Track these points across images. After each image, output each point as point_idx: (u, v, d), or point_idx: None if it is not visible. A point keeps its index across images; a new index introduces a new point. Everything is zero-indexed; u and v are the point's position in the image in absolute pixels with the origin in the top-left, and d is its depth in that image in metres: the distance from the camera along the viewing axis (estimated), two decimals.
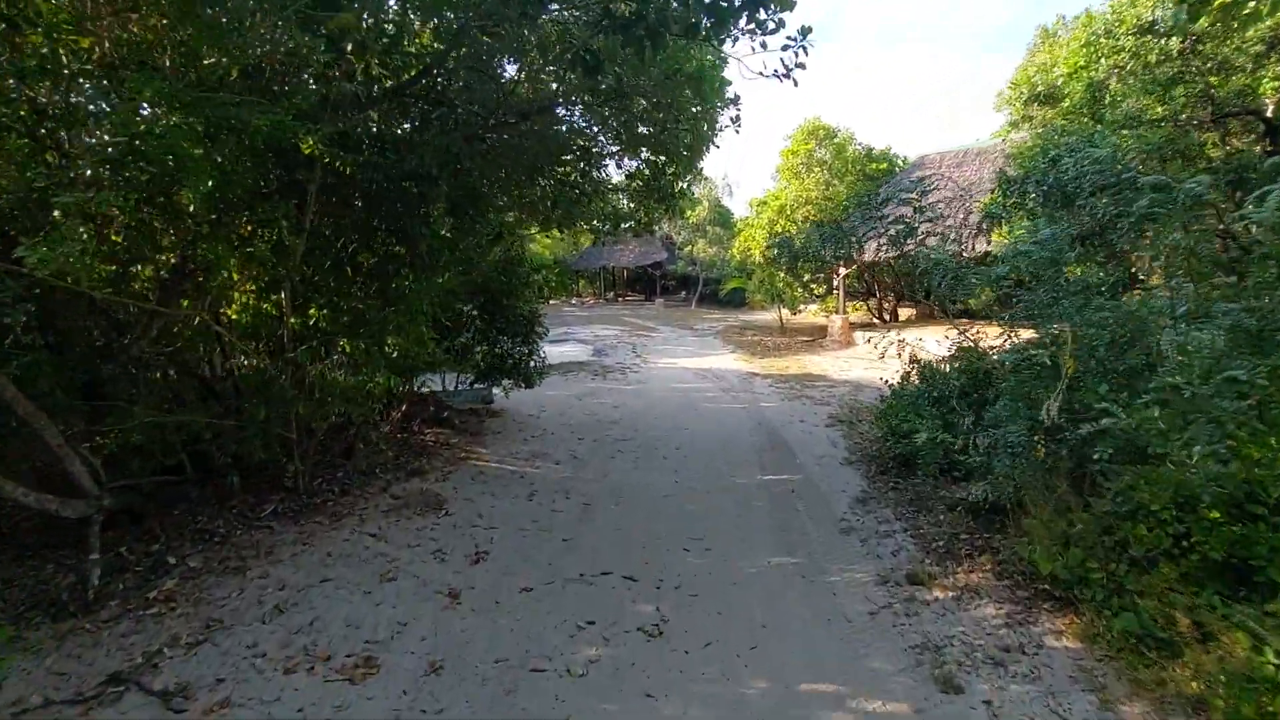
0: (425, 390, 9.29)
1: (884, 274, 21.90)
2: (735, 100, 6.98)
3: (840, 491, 6.56)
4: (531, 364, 9.46)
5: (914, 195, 6.68)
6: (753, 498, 6.48)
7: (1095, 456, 3.98)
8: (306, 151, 3.79)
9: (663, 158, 8.19)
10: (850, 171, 18.62)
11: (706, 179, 39.72)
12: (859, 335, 18.43)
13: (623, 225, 10.63)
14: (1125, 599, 3.65)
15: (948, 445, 6.04)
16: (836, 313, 19.20)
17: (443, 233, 5.56)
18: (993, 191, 8.54)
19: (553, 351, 17.60)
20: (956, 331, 7.47)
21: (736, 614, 4.26)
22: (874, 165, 19.75)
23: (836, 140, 19.20)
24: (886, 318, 21.38)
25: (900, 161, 20.09)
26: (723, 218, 38.74)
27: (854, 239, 6.13)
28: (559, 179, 6.65)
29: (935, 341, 14.39)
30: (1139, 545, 3.65)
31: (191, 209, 3.78)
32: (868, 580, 4.67)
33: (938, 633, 3.94)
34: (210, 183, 3.70)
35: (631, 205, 10.25)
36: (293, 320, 4.67)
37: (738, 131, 7.41)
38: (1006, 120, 22.98)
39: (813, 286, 19.84)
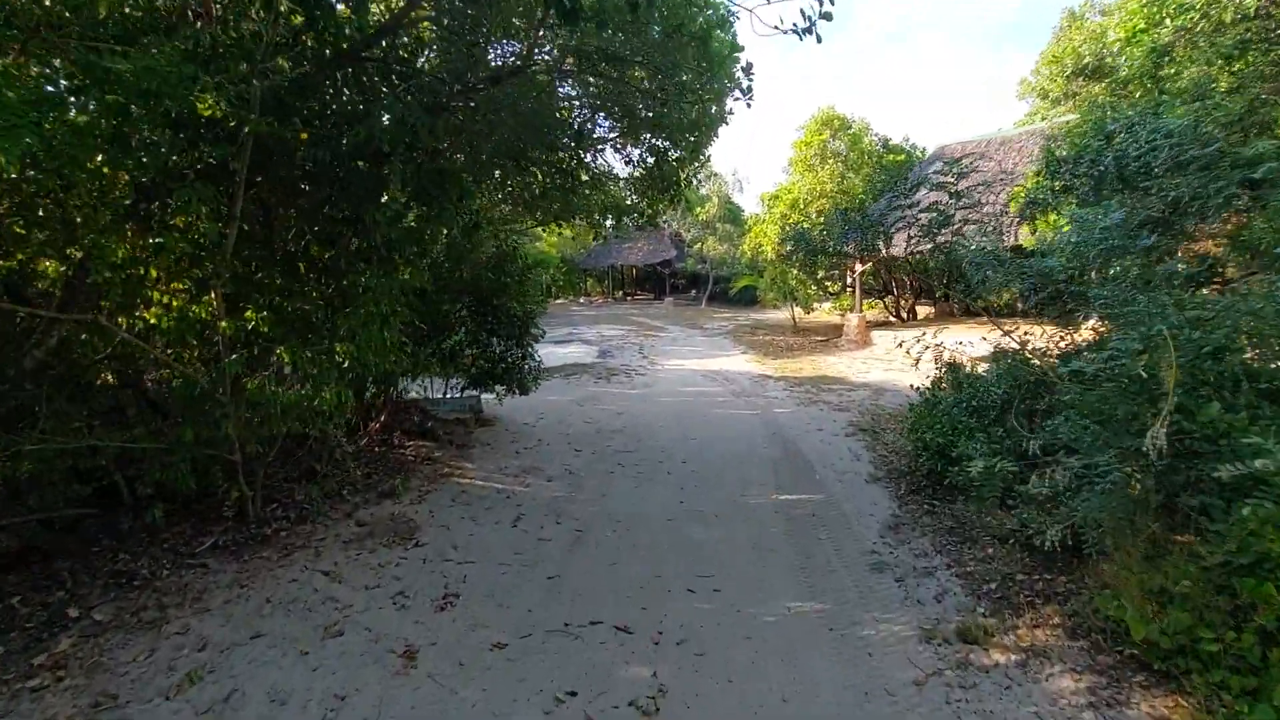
0: (412, 397, 8.60)
1: (901, 270, 21.00)
2: (748, 69, 6.16)
3: (868, 515, 5.76)
4: (526, 369, 8.72)
5: (950, 178, 5.85)
6: (768, 523, 5.70)
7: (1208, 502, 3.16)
8: (207, 113, 3.07)
9: (665, 142, 7.42)
10: (866, 163, 17.73)
11: (716, 175, 38.84)
12: (876, 334, 17.56)
13: (625, 219, 9.88)
14: (1253, 680, 2.83)
15: (1006, 474, 5.22)
16: (852, 311, 18.33)
17: (406, 222, 4.82)
18: (1036, 174, 7.68)
19: (556, 353, 16.91)
20: (999, 332, 6.61)
21: (751, 682, 3.49)
22: (890, 157, 18.83)
23: (852, 130, 18.30)
24: (905, 316, 20.47)
25: (919, 152, 19.16)
26: (733, 214, 37.84)
27: (881, 229, 5.35)
28: (549, 164, 5.90)
29: (958, 342, 13.54)
30: (1270, 612, 2.83)
31: (80, 196, 3.07)
32: (909, 635, 3.88)
33: (1004, 714, 3.15)
34: (100, 158, 2.96)
35: (635, 197, 9.49)
36: (224, 325, 3.95)
37: (749, 105, 6.62)
38: (1029, 109, 22.01)
39: (827, 284, 18.96)
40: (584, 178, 7.09)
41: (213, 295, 3.99)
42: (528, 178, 6.22)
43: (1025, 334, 6.48)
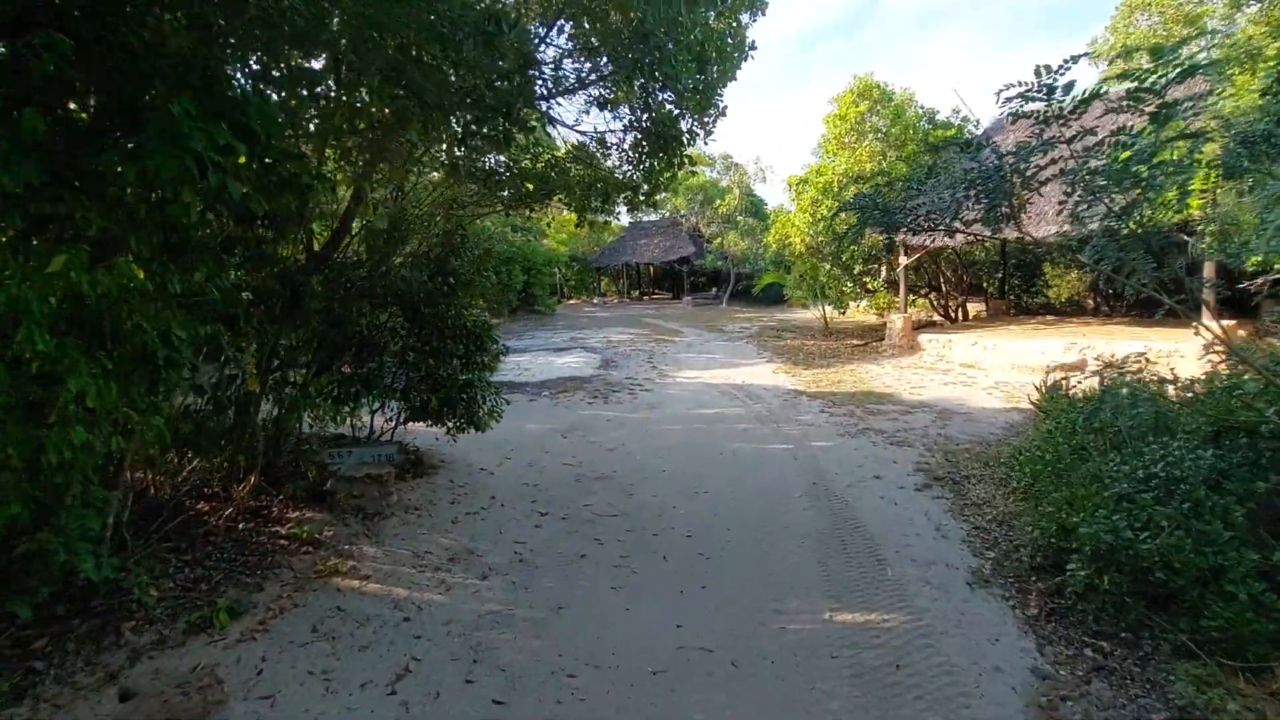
0: (337, 432, 6.45)
1: (946, 264, 18.37)
2: None
3: (991, 670, 3.41)
4: (480, 398, 6.50)
5: (1150, 98, 3.42)
6: (821, 681, 3.38)
7: None
8: None
9: (656, 81, 5.14)
10: (910, 140, 15.25)
11: (737, 165, 36.39)
12: (924, 338, 15.05)
13: (616, 199, 7.61)
14: None
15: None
16: (896, 310, 15.83)
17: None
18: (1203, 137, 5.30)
19: (553, 364, 14.70)
20: (1079, 335, 4.22)
21: None
22: (938, 133, 16.29)
23: (894, 102, 15.78)
24: (954, 315, 17.88)
25: (972, 126, 16.59)
26: (755, 207, 35.31)
27: (1013, 189, 3.30)
28: (465, 97, 3.69)
29: (1013, 342, 11.14)
30: None
31: None
32: None
33: None
34: None
35: (627, 168, 7.22)
36: None
37: (763, 12, 4.37)
38: (1100, 75, 19.22)
39: (866, 279, 16.46)
40: (534, 122, 4.87)
41: None
42: (427, 123, 3.98)
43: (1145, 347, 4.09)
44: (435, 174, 7.92)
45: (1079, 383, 8.54)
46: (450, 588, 4.39)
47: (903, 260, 15.09)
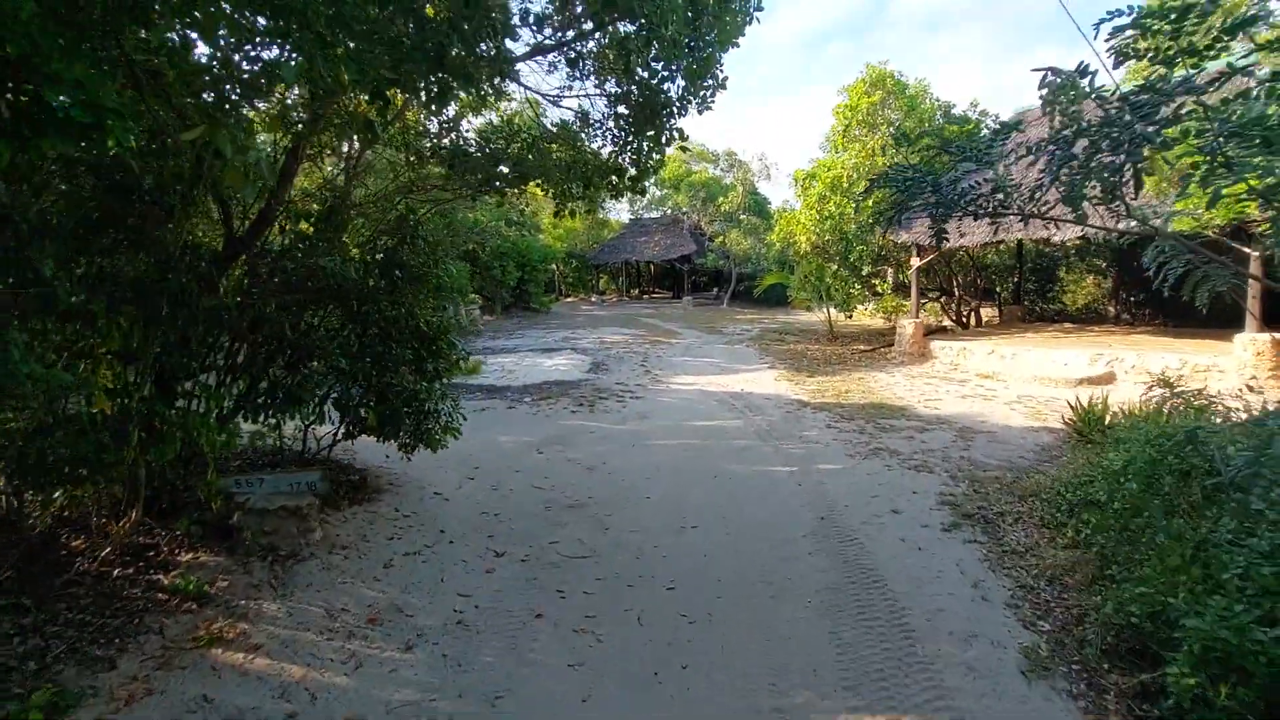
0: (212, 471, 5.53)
1: (959, 266, 17.39)
2: None
3: None
4: (437, 411, 5.55)
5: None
6: None
7: None
8: None
9: (637, 26, 4.20)
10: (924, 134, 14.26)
11: (741, 163, 35.42)
12: (936, 345, 14.09)
13: (599, 184, 6.66)
14: None
15: None
16: (906, 315, 14.88)
17: None
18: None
19: (540, 366, 13.75)
20: (1116, 345, 3.21)
21: None
22: (953, 128, 15.31)
23: (909, 92, 14.79)
24: (966, 321, 16.91)
25: (990, 121, 15.58)
26: (758, 205, 34.31)
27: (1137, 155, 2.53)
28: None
29: (1033, 351, 10.30)
30: None
31: None
32: None
33: None
34: None
35: (612, 148, 6.28)
36: None
37: None
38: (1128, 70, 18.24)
39: (874, 282, 15.48)
40: (486, 83, 3.92)
41: None
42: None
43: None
44: (397, 154, 6.99)
45: (1106, 398, 7.61)
46: (361, 664, 3.45)
47: (915, 261, 14.14)
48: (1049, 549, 4.65)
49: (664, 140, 5.52)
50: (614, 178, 6.39)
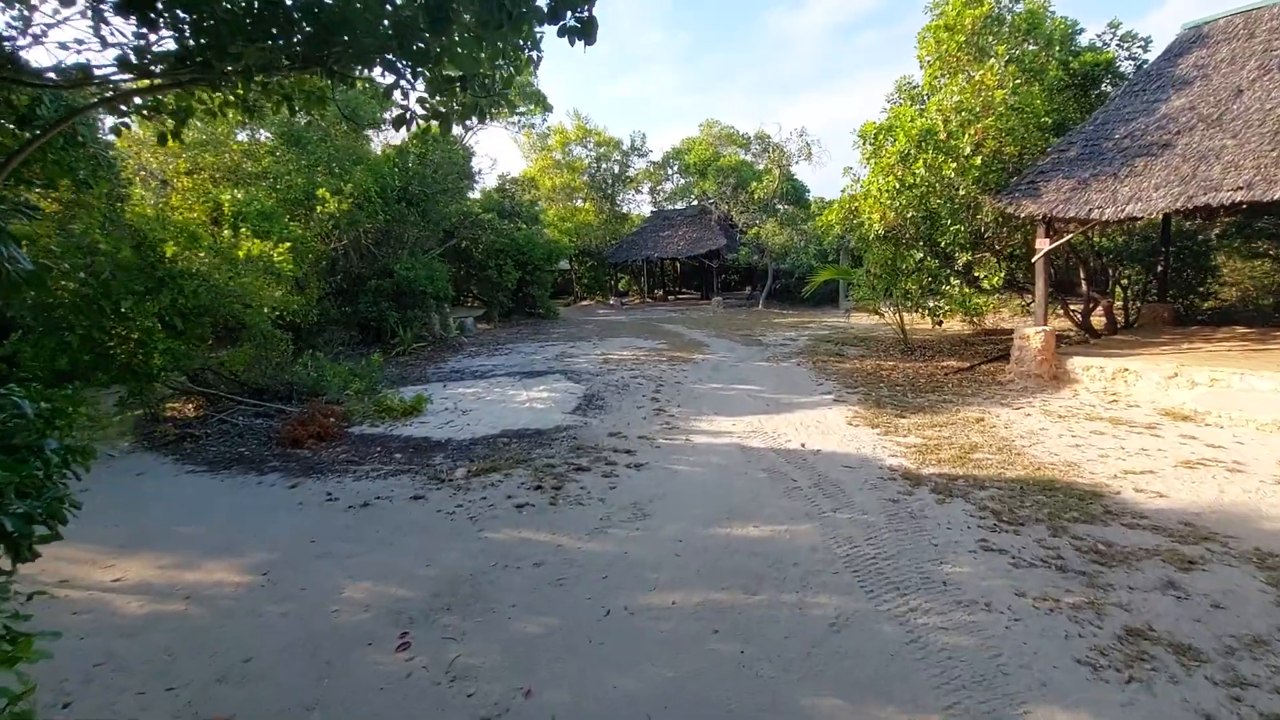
0: None
1: (1090, 255, 12.96)
2: None
3: None
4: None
5: None
6: None
7: None
8: None
9: None
10: (1050, 64, 10.03)
11: (776, 145, 31.09)
12: (1077, 363, 9.80)
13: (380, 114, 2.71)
14: None
15: None
16: (1026, 320, 10.58)
17: None
18: None
19: (510, 403, 9.68)
20: None
21: None
22: (1087, 57, 10.98)
23: (1024, 6, 10.50)
24: (1115, 327, 12.49)
25: (1139, 47, 11.23)
26: (796, 192, 30.03)
27: None
28: None
29: (1257, 380, 4.64)
30: None
31: None
32: None
33: None
34: None
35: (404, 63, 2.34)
36: None
37: None
38: None
39: (977, 272, 11.18)
40: None
41: None
42: None
43: None
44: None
45: None
46: None
47: (1042, 243, 9.88)
48: None
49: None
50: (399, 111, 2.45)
